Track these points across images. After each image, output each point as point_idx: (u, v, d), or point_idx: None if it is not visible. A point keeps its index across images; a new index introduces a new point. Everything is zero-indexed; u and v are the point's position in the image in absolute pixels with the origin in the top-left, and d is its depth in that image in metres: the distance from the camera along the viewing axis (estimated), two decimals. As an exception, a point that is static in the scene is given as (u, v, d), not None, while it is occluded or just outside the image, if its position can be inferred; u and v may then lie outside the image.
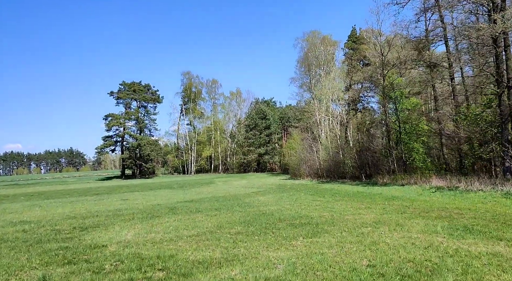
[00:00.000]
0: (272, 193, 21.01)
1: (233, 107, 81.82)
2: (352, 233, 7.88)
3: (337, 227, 8.63)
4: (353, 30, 56.51)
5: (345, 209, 12.01)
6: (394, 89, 29.74)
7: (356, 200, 15.22)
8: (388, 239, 7.02)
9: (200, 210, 13.64)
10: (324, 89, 43.78)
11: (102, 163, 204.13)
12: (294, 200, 16.18)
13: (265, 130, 70.43)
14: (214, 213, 12.55)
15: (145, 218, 11.99)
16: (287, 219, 10.40)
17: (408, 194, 16.68)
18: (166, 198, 20.82)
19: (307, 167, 38.81)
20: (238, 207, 14.13)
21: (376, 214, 10.58)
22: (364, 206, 12.63)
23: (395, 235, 7.40)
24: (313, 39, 52.45)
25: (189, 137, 77.48)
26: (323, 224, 9.24)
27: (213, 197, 19.79)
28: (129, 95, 70.59)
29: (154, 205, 16.88)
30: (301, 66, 54.74)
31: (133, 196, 23.67)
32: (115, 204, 18.30)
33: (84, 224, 11.10)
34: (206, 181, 41.26)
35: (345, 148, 35.84)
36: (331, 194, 18.83)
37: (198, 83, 79.99)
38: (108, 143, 68.59)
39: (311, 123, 45.46)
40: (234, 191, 24.37)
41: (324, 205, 13.61)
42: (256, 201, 16.48)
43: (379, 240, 7.01)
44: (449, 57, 25.56)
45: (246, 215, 11.60)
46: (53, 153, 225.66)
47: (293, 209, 12.68)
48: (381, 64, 33.21)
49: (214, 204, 16.03)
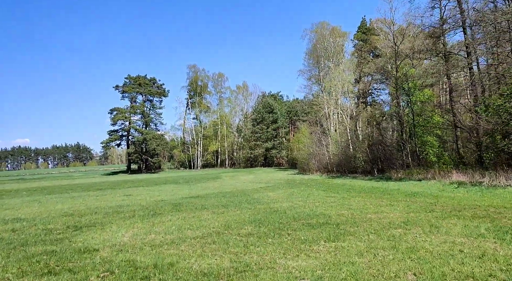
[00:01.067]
0: (281, 189, 19.98)
1: (239, 101, 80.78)
2: (381, 235, 6.82)
3: (362, 228, 7.57)
4: (363, 21, 54.97)
5: (365, 207, 10.93)
6: (407, 80, 28.51)
7: (373, 196, 14.12)
8: (427, 244, 5.94)
9: (206, 207, 12.66)
10: (333, 81, 42.46)
11: (109, 158, 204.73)
12: (306, 196, 15.14)
13: (272, 124, 69.29)
14: (221, 211, 11.56)
15: (146, 216, 11.03)
16: (302, 218, 9.36)
17: (428, 190, 15.54)
18: (171, 193, 19.91)
19: (316, 162, 37.68)
20: (246, 204, 13.12)
21: (401, 212, 9.49)
22: (385, 203, 11.54)
23: (434, 239, 6.32)
24: (322, 30, 50.96)
25: (195, 131, 76.58)
26: (344, 224, 8.18)
27: (220, 193, 18.83)
28: (135, 89, 69.73)
29: (157, 201, 15.97)
30: (310, 58, 53.36)
31: (137, 191, 22.80)
32: (117, 200, 17.41)
33: (79, 223, 10.17)
34: (213, 176, 40.36)
35: (356, 142, 34.63)
36: (345, 189, 17.75)
37: (204, 76, 78.98)
38: (113, 138, 67.90)
39: (320, 117, 44.25)
40: (242, 186, 23.39)
41: (340, 202, 12.54)
42: (266, 197, 15.47)
43: (416, 245, 5.94)
44: (468, 45, 24.24)
45: (256, 213, 10.58)
46: (60, 148, 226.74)
47: (307, 207, 11.64)
48: (393, 55, 31.88)
49: (221, 200, 15.05)
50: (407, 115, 28.13)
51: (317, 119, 44.43)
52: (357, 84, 49.23)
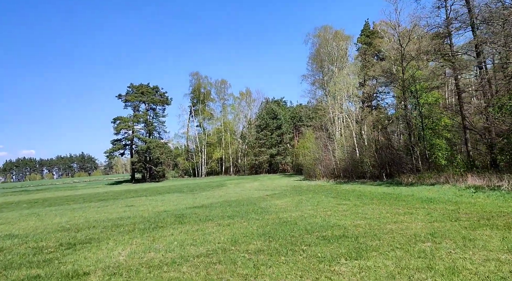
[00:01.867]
0: (288, 196, 19.16)
1: (243, 107, 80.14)
2: (409, 251, 6.01)
3: (385, 242, 6.76)
4: (366, 25, 54.38)
5: (382, 216, 10.10)
6: (415, 82, 27.79)
7: (387, 203, 13.27)
8: (468, 263, 5.13)
9: (210, 218, 11.88)
10: (338, 85, 41.73)
11: (114, 167, 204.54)
12: (316, 204, 14.32)
13: (276, 130, 68.54)
14: (227, 222, 10.77)
15: (147, 230, 10.28)
16: (316, 229, 8.56)
17: (445, 195, 14.66)
18: (174, 203, 19.13)
19: (322, 167, 36.83)
20: (254, 214, 12.33)
21: (424, 222, 8.66)
22: (402, 211, 10.70)
23: (473, 256, 5.50)
24: (325, 34, 50.52)
25: (199, 139, 75.96)
26: (363, 236, 7.38)
27: (225, 202, 18.04)
28: (137, 97, 69.32)
29: (160, 212, 15.21)
30: (313, 63, 52.83)
31: (139, 201, 22.07)
32: (118, 211, 16.67)
33: (74, 239, 9.42)
34: (217, 184, 39.56)
35: (363, 146, 33.76)
36: (355, 196, 16.90)
37: (207, 83, 78.52)
38: (117, 147, 67.36)
39: (325, 121, 43.44)
40: (247, 194, 22.58)
41: (353, 210, 11.72)
42: (273, 206, 14.66)
43: (455, 264, 5.12)
44: (478, 44, 23.53)
45: (264, 225, 9.79)
46: (65, 158, 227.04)
47: (318, 216, 10.83)
48: (399, 56, 31.13)
49: (226, 210, 14.25)
50: (415, 118, 27.32)
51: (322, 124, 43.60)
52: (362, 87, 48.48)
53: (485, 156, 23.19)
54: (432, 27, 26.91)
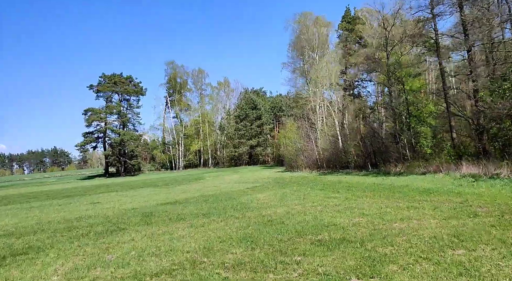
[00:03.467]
0: (271, 189, 17.59)
1: (221, 97, 77.91)
2: (440, 264, 4.48)
3: (401, 249, 5.23)
4: (347, 10, 53.10)
5: (382, 211, 8.62)
6: (401, 67, 26.68)
7: (383, 195, 11.86)
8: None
9: (182, 217, 10.15)
10: (320, 72, 40.32)
11: (89, 162, 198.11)
12: (303, 198, 12.79)
13: (256, 121, 66.85)
14: (202, 222, 9.09)
15: (104, 233, 8.49)
16: (308, 231, 6.98)
17: (443, 185, 13.37)
18: (145, 199, 17.27)
19: (304, 158, 35.49)
20: (233, 211, 10.68)
21: (436, 219, 7.21)
22: (404, 205, 9.26)
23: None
24: (305, 20, 48.85)
25: (175, 130, 73.40)
26: (370, 240, 5.85)
27: (201, 197, 16.31)
28: (110, 87, 66.06)
29: (127, 210, 13.37)
30: (293, 50, 51.17)
31: (107, 197, 20.07)
32: (80, 209, 14.70)
33: (9, 249, 7.56)
34: (195, 177, 37.66)
35: (347, 135, 32.55)
36: (344, 188, 15.46)
37: (183, 73, 75.77)
38: (88, 140, 64.08)
39: (306, 110, 42.01)
40: (226, 187, 20.90)
41: (347, 205, 10.23)
42: (255, 201, 13.05)
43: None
44: (466, 27, 22.52)
45: (245, 225, 8.15)
46: (36, 153, 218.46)
47: (308, 213, 9.27)
48: (384, 41, 29.92)
49: (202, 206, 12.54)
50: (401, 105, 26.21)
51: (304, 113, 42.17)
52: (343, 75, 47.30)
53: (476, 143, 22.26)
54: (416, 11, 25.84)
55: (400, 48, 30.02)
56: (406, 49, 30.60)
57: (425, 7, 24.88)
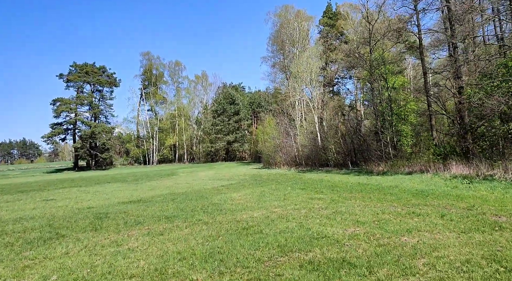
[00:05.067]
0: (248, 187, 16.08)
1: (198, 91, 75.65)
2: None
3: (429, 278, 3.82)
4: (328, 6, 52.02)
5: (380, 218, 7.24)
6: (384, 63, 25.74)
7: (373, 197, 10.55)
8: None
9: (140, 221, 8.50)
10: (300, 67, 39.01)
11: (60, 154, 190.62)
12: (283, 199, 11.34)
13: (234, 116, 65.10)
14: (162, 228, 7.47)
15: (34, 243, 6.77)
16: (294, 245, 5.50)
17: (436, 187, 12.19)
18: (107, 196, 15.43)
19: (283, 154, 34.18)
20: (202, 214, 9.10)
21: (454, 232, 5.85)
22: (404, 211, 7.92)
23: None
24: (286, 13, 47.60)
25: (150, 124, 70.69)
26: (379, 265, 4.41)
27: (170, 195, 14.63)
28: (81, 77, 62.67)
29: (80, 209, 11.56)
30: (273, 44, 49.83)
31: (67, 193, 18.05)
32: (27, 208, 12.74)
33: None
34: (168, 173, 35.69)
35: (327, 132, 31.39)
36: (327, 187, 14.12)
37: (160, 64, 73.01)
38: (56, 131, 60.52)
39: (286, 106, 40.69)
40: (199, 185, 19.22)
41: (334, 208, 8.84)
42: (229, 201, 11.50)
43: None
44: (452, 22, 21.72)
45: (215, 234, 6.60)
46: (4, 144, 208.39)
47: (291, 218, 7.81)
48: (368, 35, 28.90)
49: (167, 206, 10.89)
50: (384, 101, 25.24)
51: (283, 109, 40.83)
52: (324, 71, 46.23)
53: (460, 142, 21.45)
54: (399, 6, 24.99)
55: (382, 44, 29.21)
56: (387, 46, 29.85)
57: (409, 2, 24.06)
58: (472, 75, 21.35)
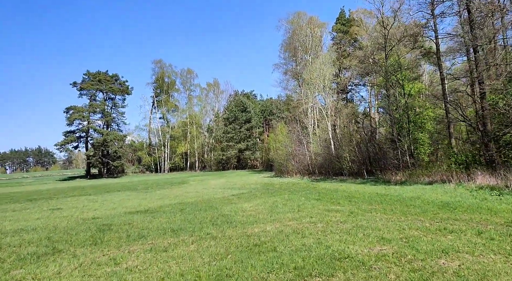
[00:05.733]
0: (259, 197, 15.38)
1: (210, 99, 75.59)
2: None
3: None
4: (341, 12, 51.47)
5: (408, 235, 6.46)
6: (400, 68, 24.99)
7: (395, 209, 9.74)
8: None
9: (144, 235, 7.89)
10: (313, 74, 38.35)
11: (74, 162, 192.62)
12: (297, 210, 10.61)
13: (245, 124, 64.65)
14: (166, 244, 6.84)
15: (27, 260, 6.22)
16: (313, 267, 4.80)
17: (462, 199, 11.29)
18: (114, 206, 14.91)
19: (295, 163, 33.39)
20: (211, 227, 8.44)
21: (501, 255, 5.02)
22: (433, 226, 7.12)
23: None
24: (299, 20, 47.11)
25: (162, 132, 70.70)
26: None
27: (178, 204, 14.02)
28: (94, 85, 63.20)
29: (85, 220, 11.03)
30: (286, 51, 49.38)
31: (74, 202, 17.63)
32: (30, 218, 12.26)
33: None
34: (179, 181, 35.20)
35: (342, 140, 30.55)
36: (344, 198, 13.32)
37: (172, 72, 73.22)
38: (69, 139, 60.92)
39: (298, 114, 39.99)
40: (209, 194, 18.59)
41: (355, 222, 8.08)
42: (240, 212, 10.82)
43: None
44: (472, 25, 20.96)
45: (223, 252, 5.93)
46: (20, 152, 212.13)
47: (307, 233, 7.09)
48: (383, 40, 28.12)
49: (174, 218, 10.27)
50: (401, 108, 24.41)
51: (295, 116, 40.13)
52: (337, 78, 45.50)
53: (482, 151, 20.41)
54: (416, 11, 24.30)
55: (397, 50, 28.46)
56: (402, 53, 29.07)
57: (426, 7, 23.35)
58: (495, 80, 20.37)
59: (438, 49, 23.56)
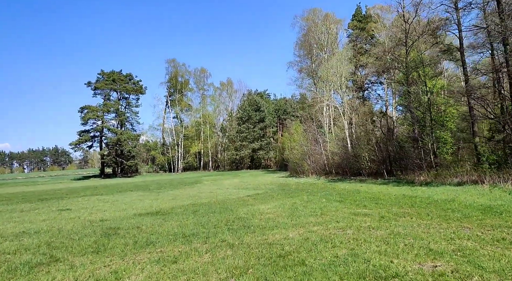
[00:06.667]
0: (276, 198, 14.49)
1: (223, 98, 75.01)
2: None
3: None
4: (357, 9, 50.22)
5: (461, 246, 5.50)
6: (422, 64, 23.82)
7: (432, 214, 8.72)
8: None
9: (153, 241, 7.09)
10: (329, 72, 37.23)
11: (89, 162, 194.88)
12: (320, 214, 9.69)
13: (259, 123, 63.79)
14: (176, 253, 6.02)
15: (17, 271, 5.48)
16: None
17: (504, 202, 10.11)
18: (124, 207, 14.23)
19: (311, 162, 32.37)
20: (226, 232, 7.60)
21: None
22: (487, 236, 6.12)
23: None
24: (314, 17, 45.99)
25: (175, 131, 70.38)
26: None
27: (191, 206, 13.25)
28: (108, 85, 63.25)
29: (92, 222, 10.35)
30: (301, 48, 48.25)
31: (85, 203, 17.06)
32: (37, 220, 11.64)
33: None
34: (192, 181, 34.55)
35: (360, 139, 29.40)
36: (370, 200, 12.32)
37: (185, 71, 72.89)
38: (83, 138, 61.05)
39: (314, 112, 38.91)
40: (223, 194, 17.80)
41: (389, 228, 7.13)
42: (257, 215, 9.96)
43: None
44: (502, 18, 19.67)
45: (242, 266, 5.07)
46: (37, 151, 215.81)
47: (337, 242, 6.17)
48: (404, 35, 26.90)
49: (187, 221, 9.47)
50: (423, 106, 23.21)
51: (311, 115, 39.09)
52: (353, 76, 44.24)
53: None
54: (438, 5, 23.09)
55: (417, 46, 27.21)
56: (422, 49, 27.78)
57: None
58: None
59: (462, 44, 22.37)
